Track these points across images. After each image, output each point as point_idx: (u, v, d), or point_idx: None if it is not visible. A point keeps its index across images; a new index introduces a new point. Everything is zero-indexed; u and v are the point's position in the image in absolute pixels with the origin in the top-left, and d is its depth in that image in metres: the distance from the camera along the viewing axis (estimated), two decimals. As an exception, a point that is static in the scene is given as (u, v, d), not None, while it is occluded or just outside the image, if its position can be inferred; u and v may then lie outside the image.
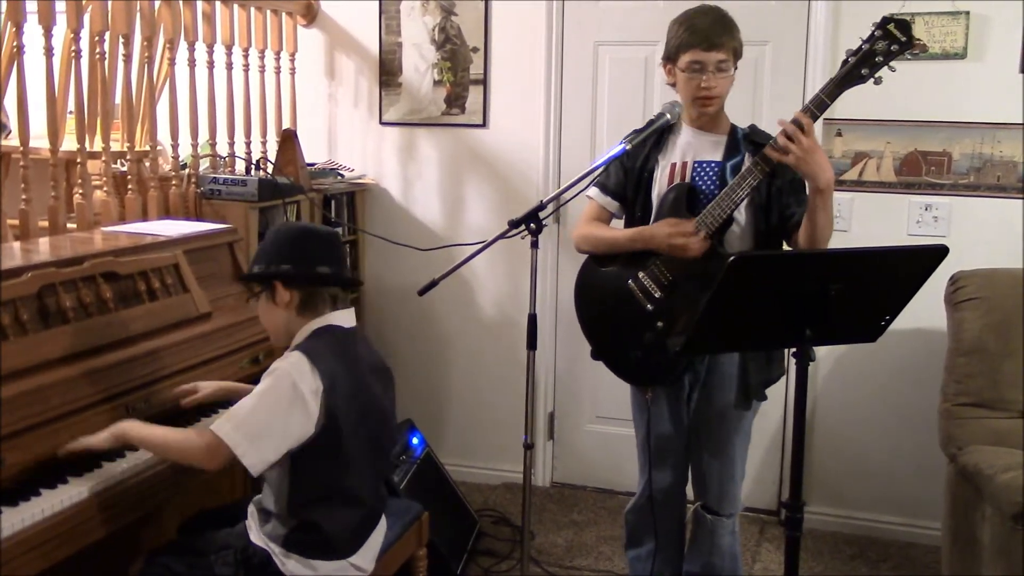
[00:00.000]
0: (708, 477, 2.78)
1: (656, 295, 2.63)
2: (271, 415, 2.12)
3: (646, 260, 2.65)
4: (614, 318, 2.73)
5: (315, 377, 2.15)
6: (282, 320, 2.30)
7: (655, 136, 2.64)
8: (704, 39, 2.53)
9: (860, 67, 2.38)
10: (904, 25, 2.35)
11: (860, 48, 2.39)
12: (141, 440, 2.21)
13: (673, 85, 2.66)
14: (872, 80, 2.38)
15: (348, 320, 2.35)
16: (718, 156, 2.64)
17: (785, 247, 2.65)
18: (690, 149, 2.67)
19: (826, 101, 2.41)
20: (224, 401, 2.60)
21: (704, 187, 2.62)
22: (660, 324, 2.62)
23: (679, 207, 2.60)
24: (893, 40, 2.35)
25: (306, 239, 2.31)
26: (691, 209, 2.59)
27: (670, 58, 2.62)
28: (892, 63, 2.38)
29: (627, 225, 2.78)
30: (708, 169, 2.64)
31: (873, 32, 2.37)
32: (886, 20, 2.36)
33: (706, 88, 2.55)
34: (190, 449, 2.16)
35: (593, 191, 2.79)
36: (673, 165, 2.68)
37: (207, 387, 2.53)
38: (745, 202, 2.54)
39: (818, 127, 3.68)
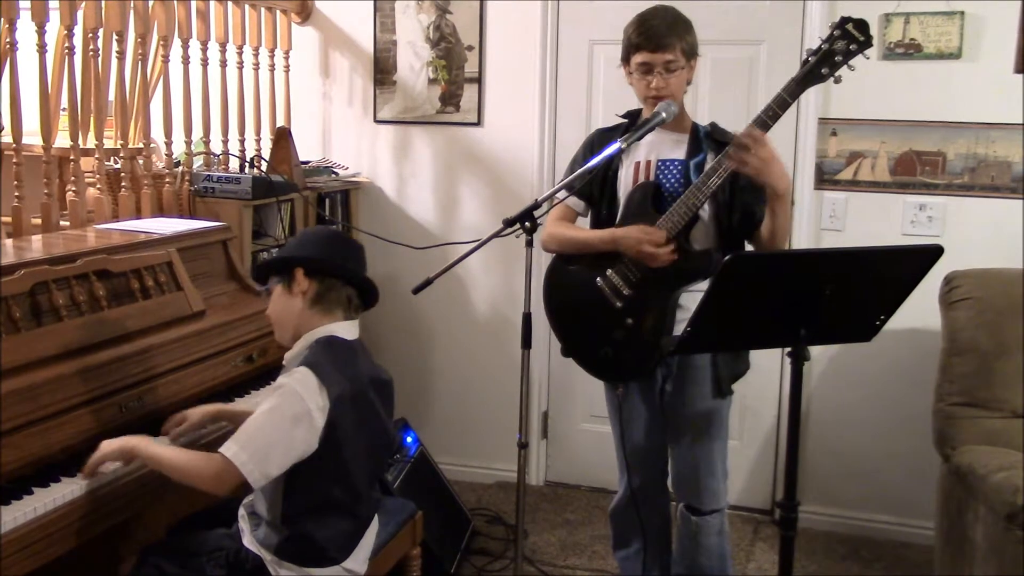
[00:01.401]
0: (685, 474, 2.79)
1: (625, 292, 2.64)
2: (276, 431, 2.11)
3: (615, 257, 2.66)
4: (584, 316, 2.74)
5: (322, 394, 2.14)
6: (294, 312, 2.28)
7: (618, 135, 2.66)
8: (650, 40, 2.57)
9: (820, 66, 2.42)
10: (862, 25, 2.39)
11: (820, 48, 2.43)
12: (150, 458, 2.18)
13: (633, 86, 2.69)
14: (832, 79, 2.42)
15: (351, 332, 2.33)
16: (681, 154, 2.66)
17: (747, 245, 2.67)
18: (653, 148, 2.69)
19: (787, 100, 2.45)
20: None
21: (668, 185, 2.65)
22: (629, 321, 2.63)
23: (645, 206, 2.62)
24: (852, 40, 2.39)
25: (334, 238, 2.35)
26: (657, 207, 2.61)
27: (624, 60, 2.67)
28: (851, 62, 2.40)
29: (593, 224, 2.80)
30: (672, 167, 2.66)
31: (832, 32, 2.41)
32: (844, 20, 2.40)
33: (655, 88, 2.59)
34: (200, 474, 2.12)
35: (560, 191, 2.80)
36: (637, 164, 2.70)
37: (196, 414, 2.47)
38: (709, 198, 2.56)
39: (813, 126, 3.70)
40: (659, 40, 2.56)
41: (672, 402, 2.75)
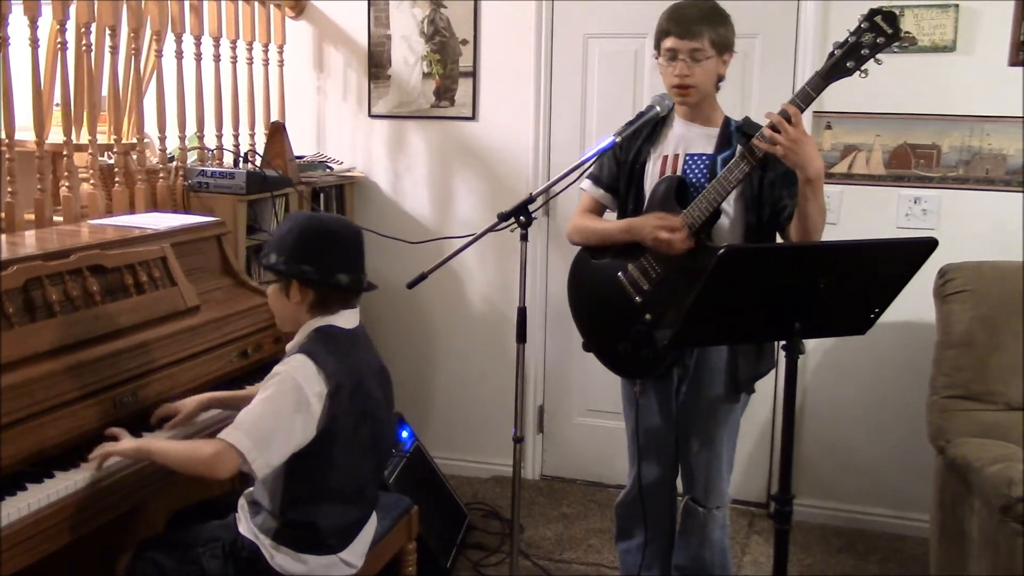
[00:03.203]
0: (696, 470, 2.79)
1: (645, 287, 2.63)
2: (277, 420, 2.11)
3: (637, 253, 2.65)
4: (604, 310, 2.73)
5: (319, 380, 2.14)
6: (291, 313, 2.29)
7: (648, 129, 2.64)
8: (678, 26, 2.54)
9: (846, 60, 2.37)
10: (891, 17, 2.33)
11: (846, 41, 2.37)
12: (161, 454, 2.18)
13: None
14: (858, 73, 2.37)
15: (351, 321, 2.32)
16: (710, 149, 2.63)
17: (778, 240, 2.65)
18: (682, 142, 2.67)
19: (812, 94, 2.40)
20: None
21: (695, 180, 2.62)
22: (648, 316, 2.62)
23: (669, 200, 2.60)
24: (880, 32, 2.33)
25: (330, 241, 2.25)
26: (681, 202, 2.58)
27: (656, 47, 2.64)
28: (879, 56, 2.36)
29: (620, 218, 2.78)
30: (699, 162, 2.63)
31: (860, 24, 2.36)
32: (873, 12, 2.34)
33: (679, 76, 2.56)
34: (201, 459, 2.11)
35: (586, 183, 2.80)
36: (665, 158, 2.68)
37: (189, 404, 2.47)
38: (735, 195, 2.53)
39: (808, 120, 3.69)
40: (687, 26, 2.53)
41: (686, 400, 2.75)
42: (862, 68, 2.37)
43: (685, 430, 2.78)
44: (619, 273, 2.68)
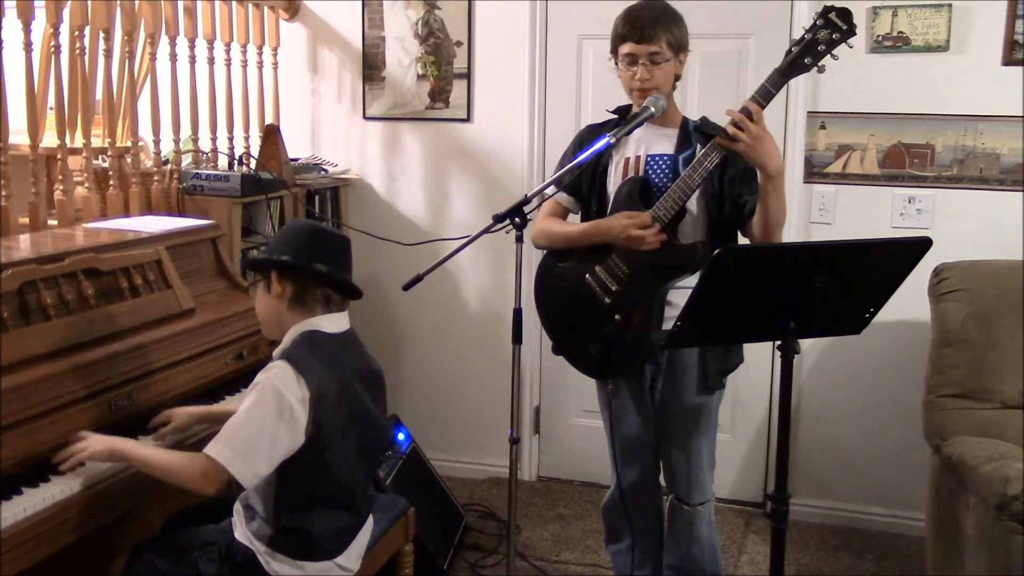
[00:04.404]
0: (676, 468, 2.79)
1: (613, 288, 2.63)
2: (260, 429, 2.11)
3: (603, 254, 2.66)
4: (573, 312, 2.74)
5: (301, 386, 2.13)
6: (273, 311, 2.29)
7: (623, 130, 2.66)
8: (634, 31, 2.57)
9: (803, 56, 2.40)
10: (845, 13, 2.38)
11: (803, 37, 2.41)
12: (139, 461, 2.18)
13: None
14: (816, 69, 2.41)
15: (338, 325, 2.32)
16: (670, 149, 2.66)
17: (740, 237, 2.67)
18: (643, 143, 2.69)
19: (772, 91, 2.43)
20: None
21: (657, 180, 2.64)
22: (618, 317, 2.63)
23: (633, 201, 2.62)
24: (835, 29, 2.37)
25: (311, 235, 2.29)
26: (645, 202, 2.60)
27: (612, 51, 2.66)
28: (835, 52, 2.39)
29: (583, 220, 2.80)
30: (661, 162, 2.66)
31: (815, 22, 2.40)
32: (827, 9, 2.39)
33: (639, 80, 2.58)
34: (186, 475, 2.12)
35: (549, 187, 2.80)
36: (627, 160, 2.70)
37: (181, 416, 2.47)
38: (697, 192, 2.55)
39: (802, 119, 3.71)
40: (643, 31, 2.55)
41: (661, 398, 2.75)
42: (819, 64, 2.41)
43: (663, 428, 2.79)
44: (586, 275, 2.68)
